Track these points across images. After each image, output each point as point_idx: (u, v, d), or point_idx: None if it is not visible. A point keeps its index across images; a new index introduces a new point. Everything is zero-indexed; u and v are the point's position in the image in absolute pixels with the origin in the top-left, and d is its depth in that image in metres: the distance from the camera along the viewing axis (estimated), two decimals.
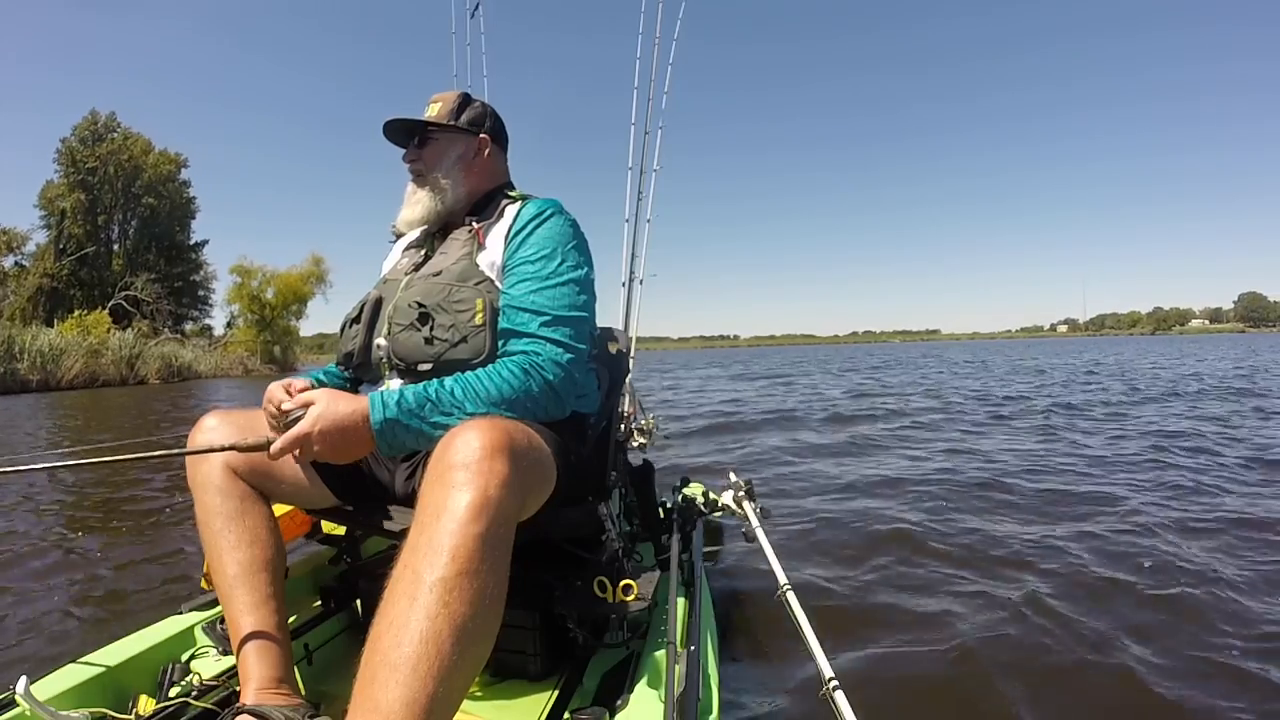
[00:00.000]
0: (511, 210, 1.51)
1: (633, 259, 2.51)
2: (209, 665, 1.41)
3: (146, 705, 1.28)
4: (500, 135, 1.64)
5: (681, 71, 2.80)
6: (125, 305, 33.23)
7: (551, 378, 1.28)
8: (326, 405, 1.16)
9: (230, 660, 1.37)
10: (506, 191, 1.60)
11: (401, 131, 1.58)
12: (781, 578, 1.57)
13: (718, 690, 1.30)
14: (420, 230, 1.61)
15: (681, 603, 1.46)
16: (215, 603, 1.54)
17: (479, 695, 1.41)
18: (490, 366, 1.28)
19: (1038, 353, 37.07)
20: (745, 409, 9.54)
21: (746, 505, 2.04)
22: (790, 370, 22.16)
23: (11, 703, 1.14)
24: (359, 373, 1.54)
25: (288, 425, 1.16)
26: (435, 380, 1.24)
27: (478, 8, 3.00)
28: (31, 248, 35.32)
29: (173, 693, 1.32)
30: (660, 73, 2.71)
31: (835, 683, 1.26)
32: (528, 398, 1.25)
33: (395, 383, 1.40)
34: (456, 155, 1.56)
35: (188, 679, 1.37)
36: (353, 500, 1.45)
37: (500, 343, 1.35)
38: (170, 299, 35.83)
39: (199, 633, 1.50)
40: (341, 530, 1.74)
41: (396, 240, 1.72)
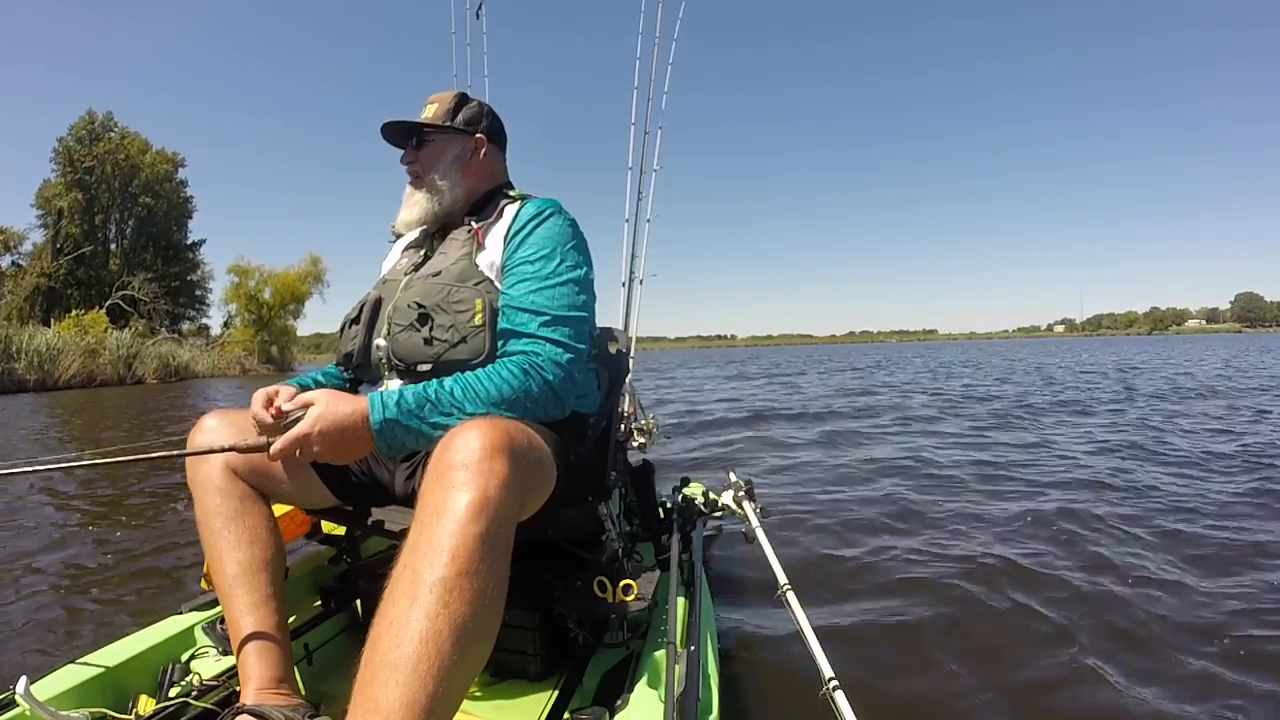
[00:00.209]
0: (511, 210, 1.51)
1: (632, 259, 2.51)
2: (209, 665, 1.41)
3: (146, 705, 1.28)
4: (497, 134, 1.63)
5: (681, 72, 2.80)
6: (122, 305, 33.16)
7: (551, 378, 1.28)
8: (326, 406, 1.16)
9: (230, 660, 1.37)
10: (506, 191, 1.60)
11: (399, 133, 1.58)
12: (781, 578, 1.57)
13: (718, 690, 1.30)
14: (419, 230, 1.61)
15: (681, 603, 1.46)
16: (215, 603, 1.53)
17: (479, 695, 1.41)
18: (490, 367, 1.28)
19: (1028, 353, 37.18)
20: (746, 405, 9.56)
21: (746, 505, 2.04)
22: (789, 368, 22.23)
23: (11, 703, 1.14)
24: (358, 373, 1.54)
25: (287, 426, 1.16)
26: (435, 380, 1.23)
27: (481, 7, 3.00)
28: (28, 247, 35.35)
29: (173, 693, 1.32)
30: (660, 73, 2.72)
31: (835, 683, 1.26)
32: (527, 398, 1.25)
33: (395, 383, 1.40)
34: (453, 156, 1.56)
35: (188, 679, 1.37)
36: (353, 500, 1.45)
37: (500, 343, 1.35)
38: (167, 299, 35.74)
39: (199, 633, 1.50)
40: (341, 530, 1.74)
41: (396, 240, 1.72)
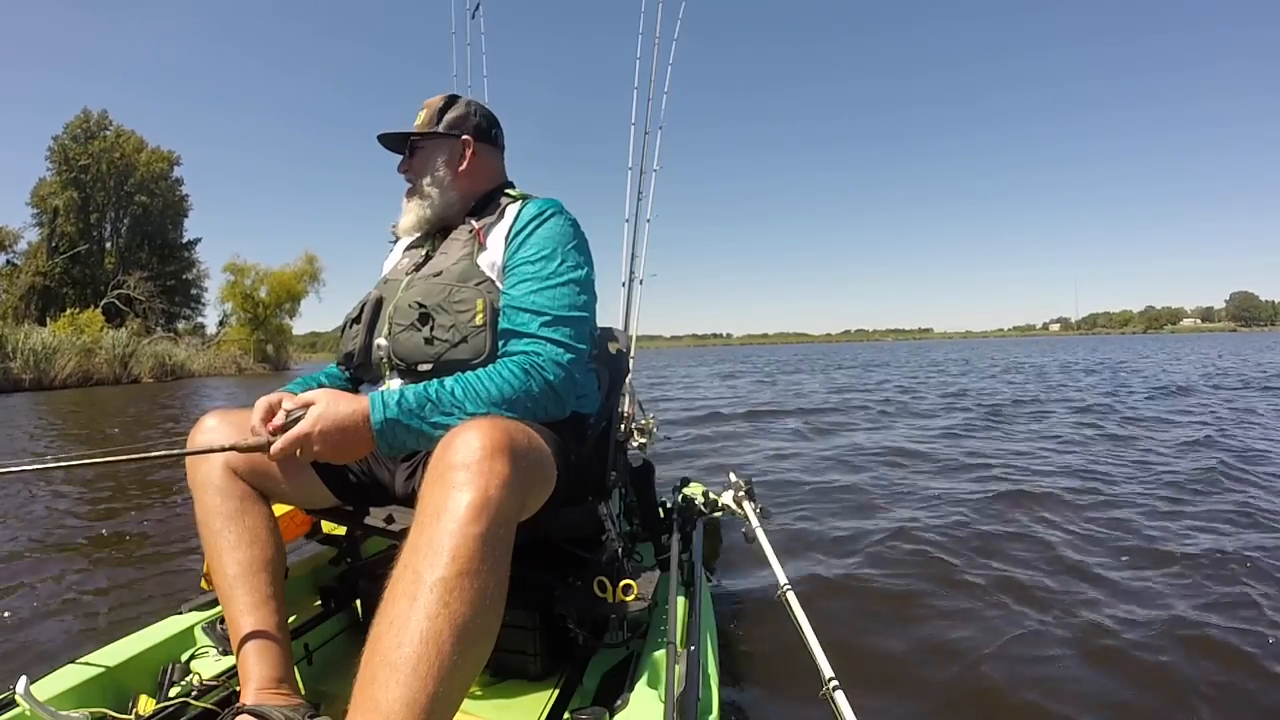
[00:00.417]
0: (512, 210, 1.51)
1: (633, 259, 2.51)
2: (209, 665, 1.41)
3: (146, 705, 1.28)
4: (486, 134, 1.61)
5: (681, 72, 2.80)
6: (118, 304, 33.09)
7: (552, 378, 1.28)
8: (327, 405, 1.16)
9: (230, 660, 1.37)
10: (506, 191, 1.60)
11: (397, 142, 1.60)
12: (781, 578, 1.58)
13: (718, 690, 1.30)
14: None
15: (681, 603, 1.46)
16: (215, 603, 1.53)
17: (479, 695, 1.41)
18: (490, 366, 1.28)
19: (1018, 351, 37.35)
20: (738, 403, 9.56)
21: (746, 505, 2.04)
22: (789, 367, 22.29)
23: (11, 703, 1.13)
24: (359, 373, 1.54)
25: (288, 425, 1.16)
26: (435, 380, 1.24)
27: (478, 8, 3.00)
28: (23, 246, 35.19)
29: (173, 693, 1.32)
30: (660, 73, 2.72)
31: (835, 683, 1.26)
32: (528, 398, 1.25)
33: (395, 383, 1.40)
34: (441, 161, 1.56)
35: (188, 679, 1.36)
36: (353, 500, 1.45)
37: (500, 343, 1.35)
38: (163, 297, 35.68)
39: (199, 633, 1.50)
40: (341, 530, 1.74)
41: (396, 241, 1.72)
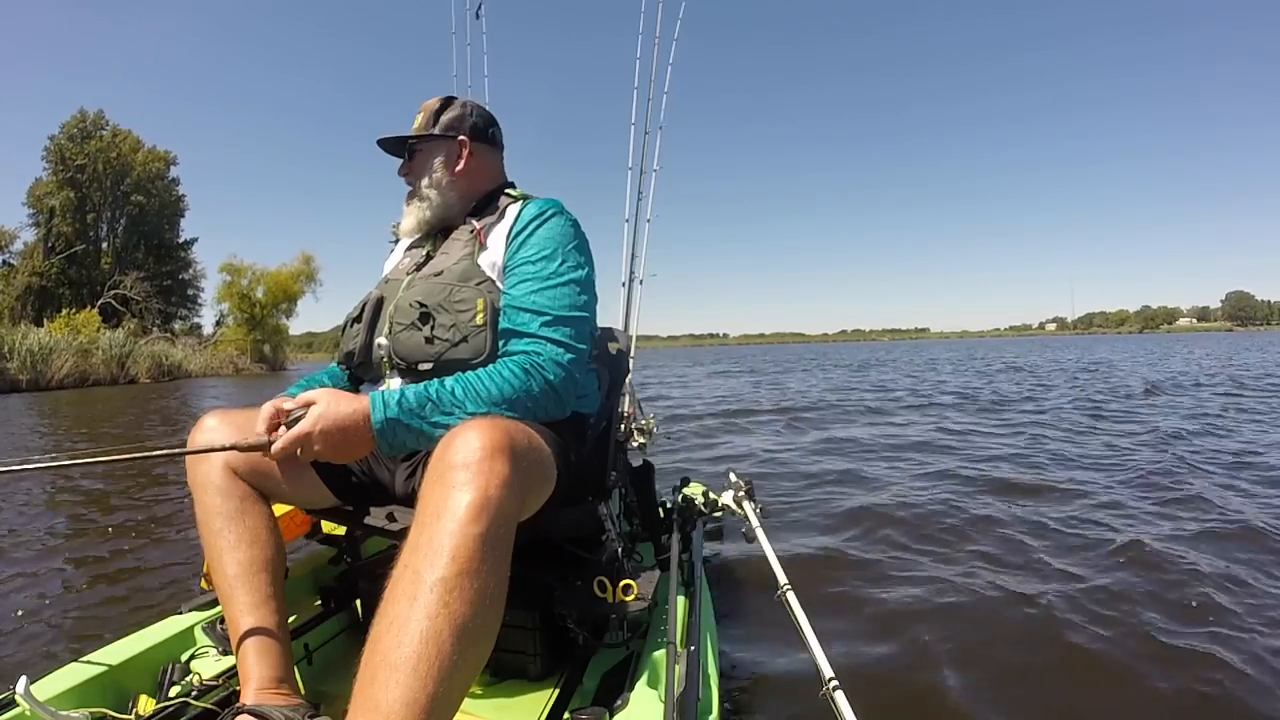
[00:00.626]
0: (512, 210, 1.51)
1: (633, 259, 2.51)
2: (209, 665, 1.41)
3: (146, 705, 1.28)
4: (484, 134, 1.61)
5: (681, 73, 2.80)
6: (114, 304, 33.01)
7: (552, 378, 1.28)
8: (327, 405, 1.17)
9: (230, 660, 1.37)
10: (507, 191, 1.60)
11: (397, 146, 1.61)
12: (781, 578, 1.58)
13: (718, 690, 1.30)
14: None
15: (681, 602, 1.46)
16: (215, 603, 1.53)
17: (479, 695, 1.41)
18: (491, 366, 1.28)
19: (1009, 351, 37.64)
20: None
21: (746, 505, 2.04)
22: (789, 366, 22.38)
23: (11, 703, 1.13)
24: (360, 372, 1.54)
25: (289, 425, 1.16)
26: (436, 380, 1.24)
27: (480, 7, 3.00)
28: (19, 246, 35.09)
29: (173, 693, 1.32)
30: (660, 73, 2.72)
31: (835, 683, 1.26)
32: (528, 398, 1.26)
33: (396, 382, 1.40)
34: (438, 163, 1.57)
35: (188, 679, 1.36)
36: (353, 500, 1.45)
37: (501, 343, 1.35)
38: (159, 298, 35.61)
39: (199, 633, 1.50)
40: (341, 530, 1.73)
41: (397, 241, 1.72)
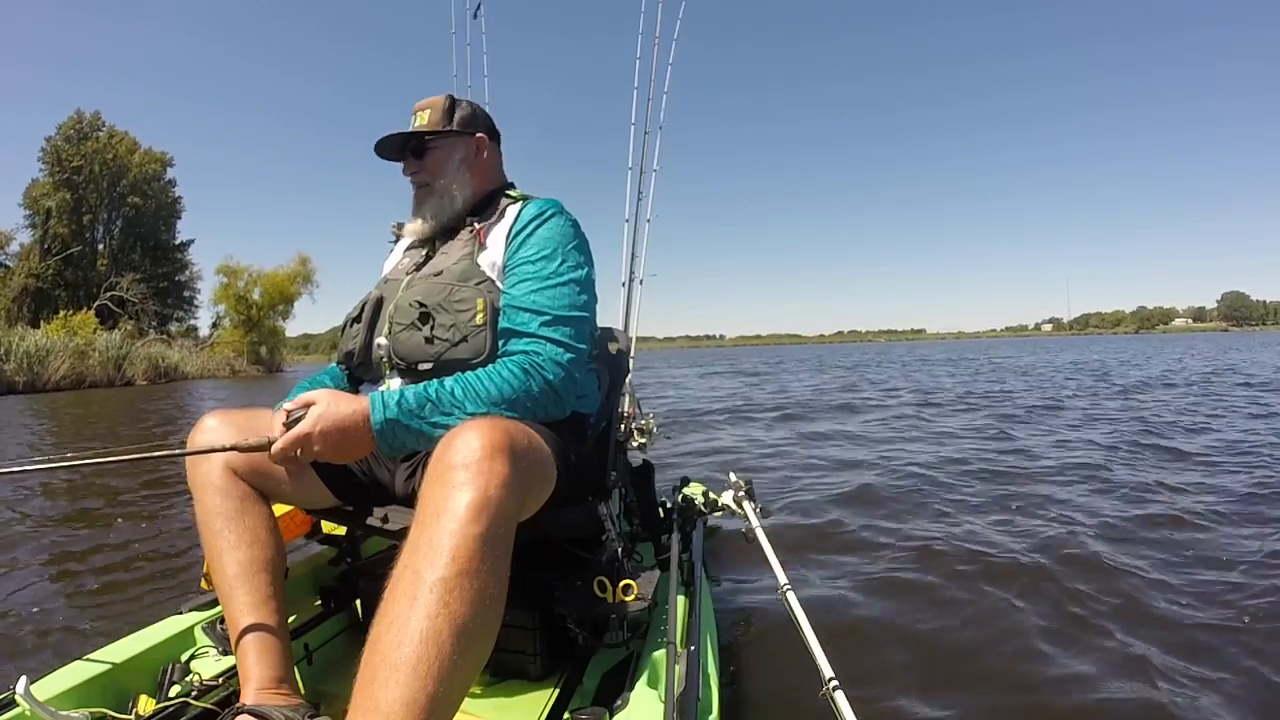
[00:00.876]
0: (512, 210, 1.51)
1: (633, 259, 2.51)
2: (209, 665, 1.41)
3: (146, 705, 1.28)
4: (493, 133, 1.63)
5: (682, 73, 2.80)
6: (110, 306, 32.95)
7: (552, 377, 1.29)
8: (327, 405, 1.17)
9: (230, 660, 1.37)
10: (506, 191, 1.61)
11: (393, 147, 1.57)
12: (781, 578, 1.58)
13: (718, 690, 1.30)
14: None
15: (681, 602, 1.46)
16: (215, 603, 1.53)
17: (479, 695, 1.41)
18: (490, 366, 1.29)
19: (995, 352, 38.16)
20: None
21: (746, 505, 2.04)
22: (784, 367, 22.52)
23: (11, 703, 1.13)
24: (360, 372, 1.54)
25: (289, 426, 1.17)
26: (435, 380, 1.24)
27: (479, 8, 3.00)
28: (15, 248, 35.03)
29: (173, 693, 1.32)
30: (660, 73, 2.71)
31: (835, 683, 1.26)
32: (528, 398, 1.26)
33: (396, 382, 1.40)
34: (460, 159, 1.56)
35: (188, 679, 1.36)
36: (353, 500, 1.45)
37: (501, 342, 1.35)
38: (155, 299, 35.56)
39: (199, 633, 1.50)
40: (341, 530, 1.74)
41: (397, 241, 1.72)
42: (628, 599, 1.34)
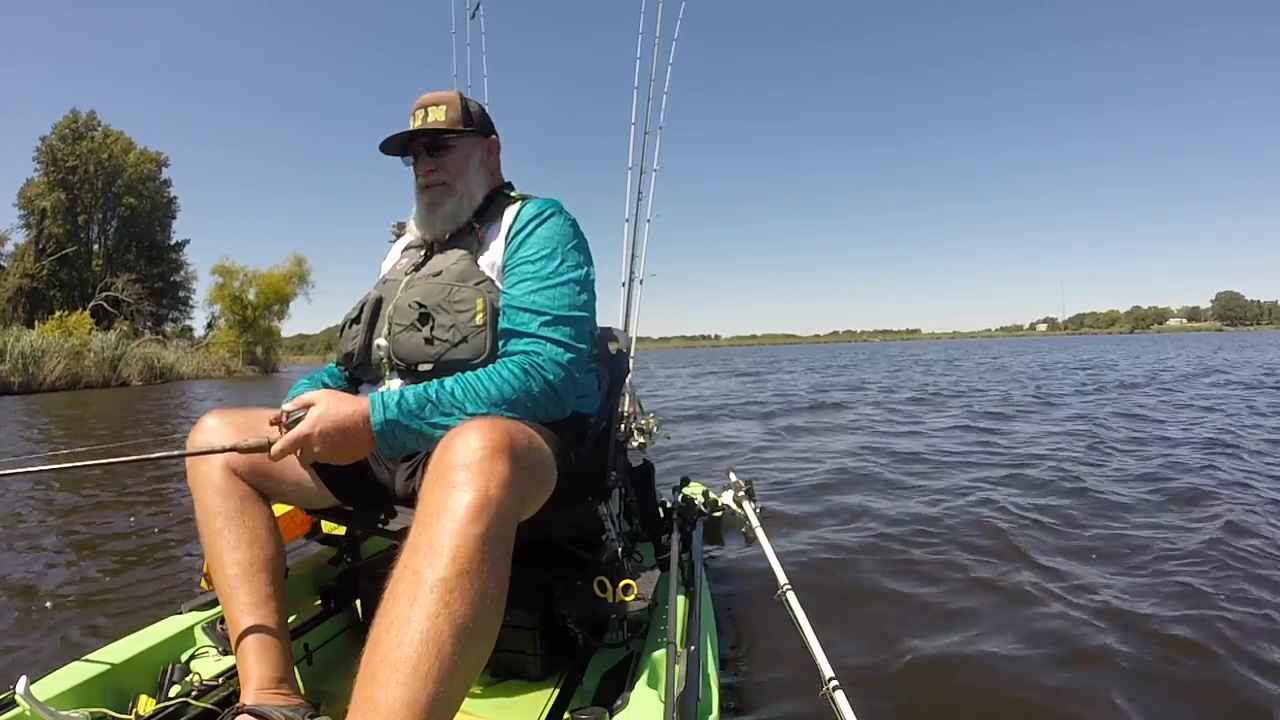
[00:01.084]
0: (511, 210, 1.51)
1: (633, 259, 2.51)
2: (209, 665, 1.41)
3: (146, 705, 1.28)
4: (496, 133, 1.62)
5: (682, 73, 2.79)
6: (106, 306, 32.88)
7: (552, 378, 1.28)
8: (327, 406, 1.17)
9: (230, 660, 1.37)
10: (506, 192, 1.60)
11: (402, 142, 1.51)
12: (781, 578, 1.58)
13: (718, 690, 1.30)
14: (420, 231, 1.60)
15: (681, 602, 1.46)
16: (215, 603, 1.52)
17: (479, 695, 1.41)
18: (490, 367, 1.28)
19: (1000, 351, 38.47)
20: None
21: (746, 505, 2.04)
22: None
23: (11, 703, 1.13)
24: (359, 373, 1.53)
25: (288, 426, 1.16)
26: (435, 381, 1.24)
27: (478, 8, 3.00)
28: (10, 248, 34.93)
29: (173, 693, 1.32)
30: (660, 73, 2.71)
31: (835, 683, 1.26)
32: (528, 398, 1.26)
33: (395, 383, 1.40)
34: (477, 159, 1.55)
35: (188, 679, 1.36)
36: (353, 500, 1.45)
37: (501, 343, 1.35)
38: (151, 299, 35.49)
39: (199, 633, 1.50)
40: (341, 530, 1.73)
41: (396, 240, 1.71)
42: (628, 599, 1.34)
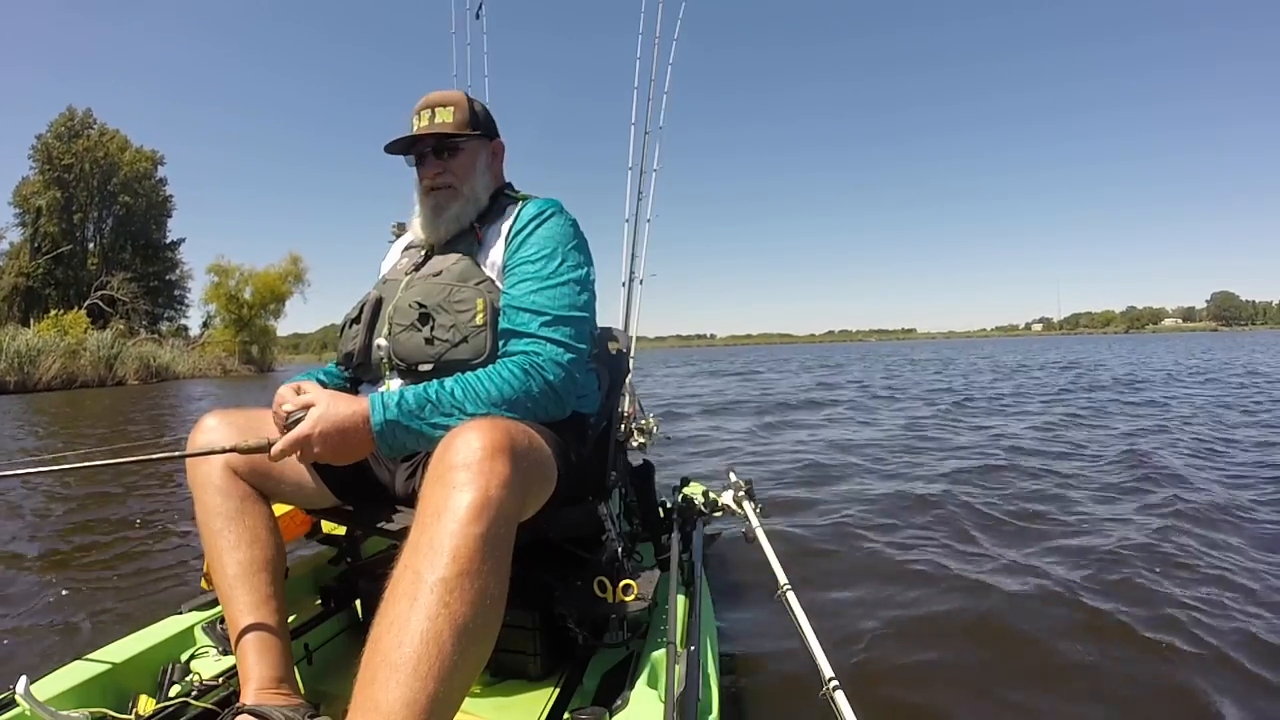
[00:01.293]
0: (511, 211, 1.51)
1: (633, 259, 2.51)
2: (209, 665, 1.41)
3: (146, 705, 1.28)
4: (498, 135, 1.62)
5: (682, 73, 2.79)
6: (101, 305, 32.76)
7: (552, 378, 1.28)
8: (327, 407, 1.16)
9: (230, 660, 1.37)
10: (506, 192, 1.60)
11: (403, 143, 1.50)
12: (781, 578, 1.58)
13: (718, 690, 1.30)
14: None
15: (681, 602, 1.46)
16: (215, 603, 1.52)
17: (479, 695, 1.41)
18: (490, 367, 1.28)
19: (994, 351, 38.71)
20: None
21: (746, 505, 2.04)
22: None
23: (11, 703, 1.13)
24: (359, 373, 1.53)
25: (288, 427, 1.16)
26: (435, 381, 1.24)
27: (481, 7, 2.99)
28: (5, 246, 34.80)
29: (173, 693, 1.32)
30: (660, 73, 2.70)
31: (835, 683, 1.26)
32: (528, 398, 1.26)
33: (395, 383, 1.40)
34: (484, 163, 1.54)
35: (188, 679, 1.36)
36: (353, 500, 1.45)
37: (501, 343, 1.35)
38: (146, 298, 35.38)
39: (199, 633, 1.49)
40: (341, 530, 1.73)
41: (395, 240, 1.71)
42: (628, 599, 1.34)
